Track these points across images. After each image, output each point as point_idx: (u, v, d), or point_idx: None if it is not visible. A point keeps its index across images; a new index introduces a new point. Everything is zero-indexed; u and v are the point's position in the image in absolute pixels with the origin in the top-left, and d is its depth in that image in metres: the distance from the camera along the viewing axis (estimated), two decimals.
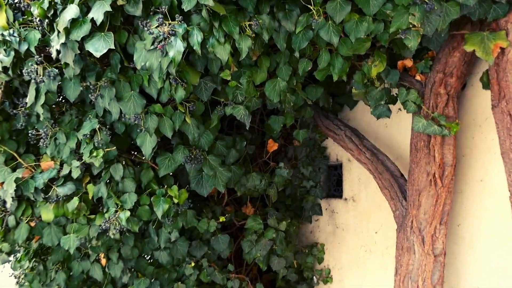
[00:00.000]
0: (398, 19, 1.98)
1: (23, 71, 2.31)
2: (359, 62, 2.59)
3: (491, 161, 2.55)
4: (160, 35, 1.91)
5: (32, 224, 2.78)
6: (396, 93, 2.73)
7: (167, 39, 1.87)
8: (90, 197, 2.67)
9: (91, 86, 2.30)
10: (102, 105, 2.35)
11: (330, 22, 2.01)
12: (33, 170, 2.66)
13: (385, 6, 2.00)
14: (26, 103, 2.55)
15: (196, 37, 1.88)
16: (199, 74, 2.31)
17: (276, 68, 2.45)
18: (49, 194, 2.64)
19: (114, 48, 2.01)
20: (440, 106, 2.51)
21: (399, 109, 3.22)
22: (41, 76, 2.31)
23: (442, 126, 2.44)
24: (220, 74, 2.38)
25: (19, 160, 2.70)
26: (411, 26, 2.00)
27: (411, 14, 1.96)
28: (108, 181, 2.63)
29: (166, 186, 2.71)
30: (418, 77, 2.67)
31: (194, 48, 1.89)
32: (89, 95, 2.31)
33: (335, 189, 4.06)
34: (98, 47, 1.99)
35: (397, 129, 3.26)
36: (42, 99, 2.37)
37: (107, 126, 2.46)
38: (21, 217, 2.74)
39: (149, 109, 2.37)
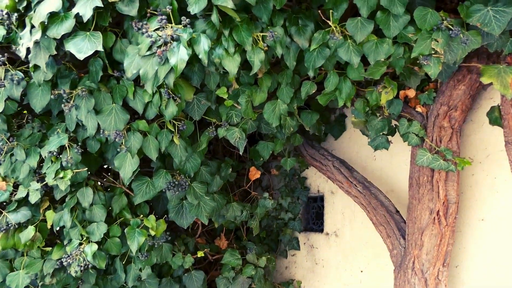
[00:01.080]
0: (420, 44, 1.83)
1: None
2: (360, 88, 2.43)
3: (493, 200, 2.44)
4: (159, 40, 1.63)
5: None
6: (395, 124, 2.59)
7: (168, 45, 1.59)
8: (48, 226, 2.25)
9: (64, 95, 1.94)
10: (75, 118, 1.99)
11: (349, 41, 1.82)
12: None
13: (406, 29, 1.85)
14: None
15: (203, 45, 1.61)
16: (193, 90, 2.03)
17: (277, 89, 2.23)
18: None
19: (101, 50, 1.69)
20: (445, 140, 2.38)
21: (390, 141, 3.09)
22: (1, 80, 1.93)
23: (448, 161, 2.31)
24: (216, 91, 2.12)
25: None
26: (432, 52, 1.86)
27: (434, 39, 1.82)
28: (71, 207, 2.23)
29: (141, 215, 2.35)
30: (419, 109, 2.55)
31: (200, 57, 1.62)
32: (62, 105, 1.95)
33: (314, 222, 3.83)
34: (82, 48, 1.66)
35: (387, 162, 3.11)
36: (0, 107, 1.98)
37: (79, 143, 2.09)
38: None
39: (132, 125, 2.04)
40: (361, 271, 3.22)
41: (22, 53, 1.77)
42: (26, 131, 2.25)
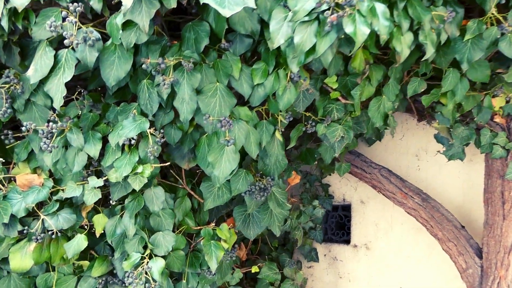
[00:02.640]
0: None
1: (35, 24, 1.40)
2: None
3: None
4: (323, 3, 1.26)
5: None
6: None
7: (346, 11, 1.23)
8: (97, 234, 1.73)
9: (159, 66, 1.47)
10: (156, 98, 1.53)
11: (510, 34, 1.59)
12: (2, 186, 1.64)
13: None
14: (16, 78, 1.59)
15: (381, 18, 1.27)
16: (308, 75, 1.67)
17: (383, 84, 1.94)
18: (31, 227, 1.63)
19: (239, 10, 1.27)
20: None
21: (438, 151, 2.94)
22: (73, 37, 1.42)
23: None
24: (325, 80, 1.78)
25: None
26: None
27: None
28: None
29: (212, 223, 1.91)
30: (497, 119, 2.41)
31: (380, 32, 1.27)
32: (158, 79, 1.48)
33: (333, 233, 3.57)
34: (224, 1, 1.23)
35: (434, 173, 2.95)
36: (62, 75, 1.46)
37: (162, 131, 1.62)
38: None
39: (233, 112, 1.62)
40: None
41: (126, 5, 1.29)
42: (73, 110, 1.72)
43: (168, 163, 1.64)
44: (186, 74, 1.48)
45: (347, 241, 3.39)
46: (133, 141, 1.53)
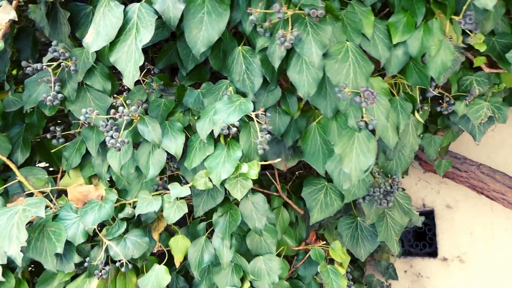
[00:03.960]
0: None
1: None
2: None
3: None
4: None
5: None
6: None
7: None
8: (177, 264, 1.27)
9: (268, 20, 1.02)
10: (277, 65, 1.08)
11: None
12: (49, 203, 1.19)
13: None
14: (67, 52, 1.16)
15: None
16: None
17: None
18: (91, 257, 1.18)
19: None
20: None
21: None
22: None
23: None
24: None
25: (20, 177, 1.21)
26: None
27: None
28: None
29: (320, 240, 1.44)
30: None
31: None
32: (277, 39, 1.03)
33: (411, 244, 3.06)
34: None
35: None
36: (136, 38, 1.02)
37: (267, 113, 1.16)
38: None
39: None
40: None
41: None
42: (137, 95, 1.28)
43: (278, 159, 1.17)
44: (310, 27, 1.02)
45: (433, 254, 2.87)
46: (233, 130, 1.07)
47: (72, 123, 1.29)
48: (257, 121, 1.09)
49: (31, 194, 1.23)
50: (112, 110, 1.09)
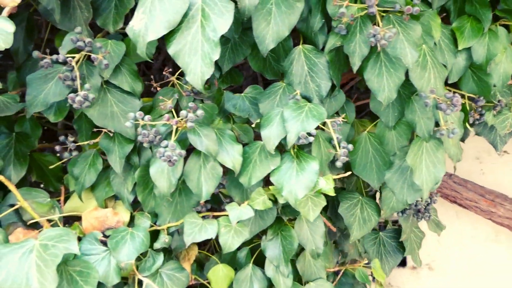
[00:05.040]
0: None
1: None
2: None
3: None
4: None
5: None
6: None
7: None
8: None
9: (342, 14, 0.90)
10: (358, 64, 0.96)
11: None
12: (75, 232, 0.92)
13: None
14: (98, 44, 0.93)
15: None
16: None
17: None
18: None
19: None
20: None
21: (505, 151, 2.63)
22: None
23: None
24: None
25: (22, 202, 0.92)
26: None
27: None
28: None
29: (369, 263, 1.33)
30: None
31: None
32: (369, 36, 0.91)
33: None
34: None
35: (497, 176, 2.62)
36: (206, 25, 0.83)
37: (338, 121, 1.02)
38: None
39: None
40: None
41: None
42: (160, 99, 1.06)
43: (347, 174, 1.04)
44: (398, 25, 0.92)
45: (402, 263, 2.92)
46: (310, 139, 0.92)
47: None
48: (333, 130, 0.96)
49: (34, 224, 0.95)
50: (166, 115, 0.87)
